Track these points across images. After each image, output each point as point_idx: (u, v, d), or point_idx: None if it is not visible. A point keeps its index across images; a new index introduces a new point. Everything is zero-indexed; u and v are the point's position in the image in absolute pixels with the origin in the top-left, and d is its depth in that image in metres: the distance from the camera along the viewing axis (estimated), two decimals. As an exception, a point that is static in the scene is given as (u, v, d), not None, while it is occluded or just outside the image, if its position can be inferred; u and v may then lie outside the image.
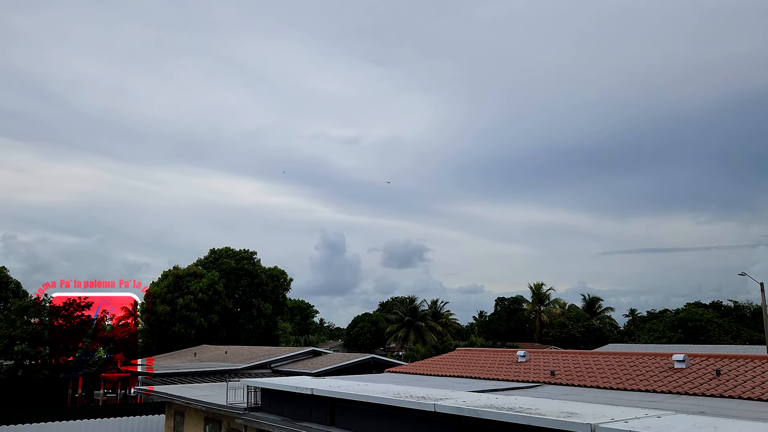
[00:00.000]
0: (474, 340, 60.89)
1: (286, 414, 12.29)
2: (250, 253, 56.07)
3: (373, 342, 68.16)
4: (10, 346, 34.15)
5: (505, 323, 76.15)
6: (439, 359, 23.13)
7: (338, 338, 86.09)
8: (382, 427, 9.70)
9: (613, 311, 74.94)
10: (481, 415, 7.89)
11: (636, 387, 13.89)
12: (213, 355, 37.46)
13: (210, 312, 48.51)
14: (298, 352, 34.15)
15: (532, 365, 18.12)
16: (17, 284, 51.76)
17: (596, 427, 6.43)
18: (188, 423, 17.29)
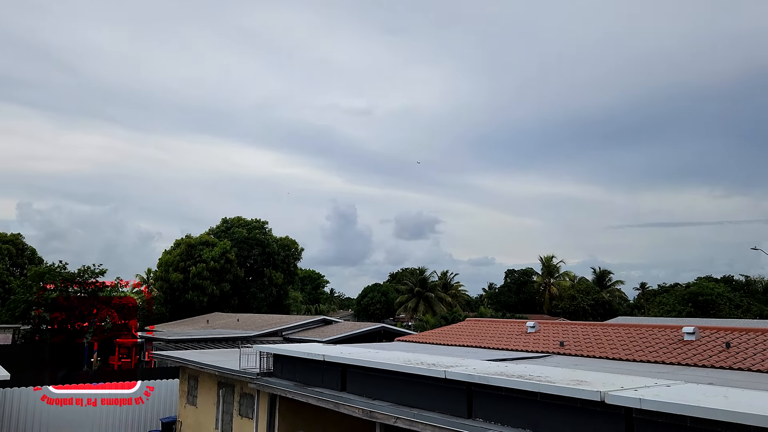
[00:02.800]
0: (483, 311, 61.25)
1: (297, 379, 12.50)
2: (261, 222, 56.41)
3: (383, 312, 68.76)
4: (27, 311, 34.82)
5: (514, 295, 76.47)
6: (448, 329, 23.32)
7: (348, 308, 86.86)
8: (392, 393, 9.86)
9: (623, 284, 75.01)
10: (491, 382, 7.98)
11: (645, 358, 13.96)
12: (225, 322, 38.00)
13: (222, 280, 49.06)
14: (309, 320, 34.55)
15: (542, 336, 18.23)
16: (33, 251, 52.56)
17: (606, 394, 6.49)
18: (202, 387, 17.63)
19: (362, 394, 10.54)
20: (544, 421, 7.30)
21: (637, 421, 6.29)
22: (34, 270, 39.04)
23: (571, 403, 6.96)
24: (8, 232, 51.64)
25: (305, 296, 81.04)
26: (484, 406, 8.20)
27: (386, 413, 9.59)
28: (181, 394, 19.18)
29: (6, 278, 46.55)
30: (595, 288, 70.41)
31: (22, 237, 52.30)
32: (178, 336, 28.03)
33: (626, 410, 6.40)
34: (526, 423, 7.49)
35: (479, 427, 7.86)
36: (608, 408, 6.52)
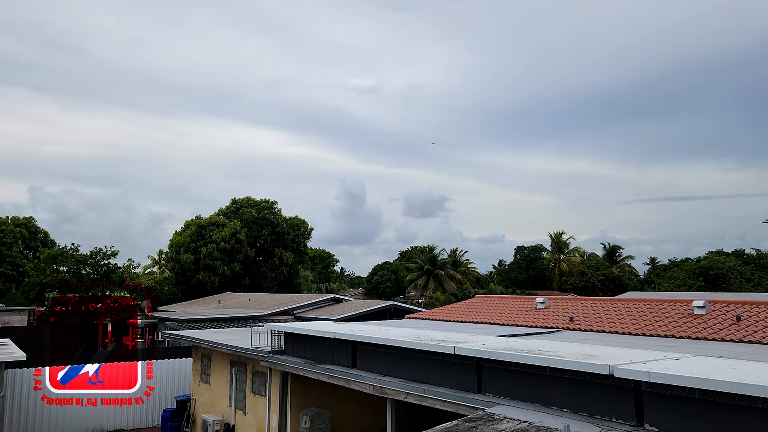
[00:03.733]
0: (493, 288, 61.39)
1: (309, 357, 12.63)
2: (271, 202, 56.54)
3: (393, 290, 69.05)
4: (42, 293, 35.25)
5: (524, 272, 76.54)
6: (458, 306, 23.42)
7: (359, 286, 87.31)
8: (403, 370, 9.95)
9: (633, 260, 74.79)
10: (500, 357, 8.03)
11: (655, 332, 13.98)
12: (236, 302, 38.32)
13: (233, 260, 49.38)
14: (319, 299, 34.76)
15: (551, 311, 18.28)
16: (45, 234, 53.08)
17: (614, 368, 6.52)
18: (215, 366, 17.86)
19: (373, 371, 10.64)
20: (553, 396, 7.35)
21: (645, 394, 6.33)
22: (47, 253, 39.46)
23: (580, 377, 7.00)
24: (21, 216, 52.19)
25: (316, 275, 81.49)
26: (494, 381, 8.26)
27: (397, 389, 9.69)
28: (194, 373, 19.45)
29: (20, 261, 47.12)
30: (605, 263, 70.27)
31: (34, 220, 52.83)
32: (191, 316, 28.33)
33: (635, 383, 6.44)
34: (536, 397, 7.55)
35: (489, 402, 7.94)
36: (617, 381, 6.56)
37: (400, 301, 42.67)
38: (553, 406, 7.30)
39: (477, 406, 7.99)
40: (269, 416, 14.45)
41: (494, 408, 7.62)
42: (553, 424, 6.55)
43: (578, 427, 6.35)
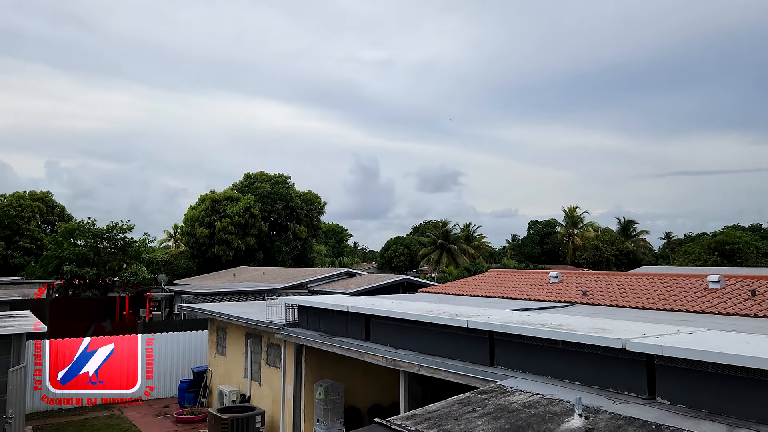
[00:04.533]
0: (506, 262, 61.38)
1: (323, 330, 12.77)
2: (284, 177, 56.60)
3: (406, 264, 69.30)
4: (60, 266, 35.77)
5: (537, 246, 76.39)
6: (471, 280, 23.48)
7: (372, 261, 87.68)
8: (416, 343, 10.03)
9: (648, 234, 74.35)
10: (512, 331, 8.07)
11: (669, 307, 13.95)
12: (251, 276, 38.68)
13: (247, 235, 49.70)
14: (333, 273, 34.97)
15: (564, 286, 18.28)
16: (62, 208, 53.65)
17: (627, 342, 6.53)
18: (230, 338, 18.13)
19: (386, 344, 10.75)
20: (565, 369, 7.39)
21: (658, 367, 6.34)
22: (64, 227, 39.93)
23: (592, 350, 7.02)
24: (38, 191, 52.71)
25: (329, 249, 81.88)
26: (506, 355, 8.32)
27: (410, 362, 9.79)
28: (210, 345, 19.76)
29: (38, 235, 47.75)
30: (620, 238, 69.90)
31: (51, 195, 53.33)
32: (206, 289, 28.66)
33: (648, 357, 6.45)
34: (548, 370, 7.60)
35: (501, 374, 8.00)
36: (629, 355, 6.57)
37: (413, 276, 42.84)
38: (565, 379, 7.34)
39: (489, 379, 8.06)
40: (284, 387, 14.68)
41: (506, 381, 7.68)
42: (565, 397, 6.59)
43: (590, 400, 6.39)
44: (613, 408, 6.13)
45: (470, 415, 6.20)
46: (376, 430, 6.08)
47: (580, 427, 5.59)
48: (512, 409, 6.34)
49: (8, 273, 43.82)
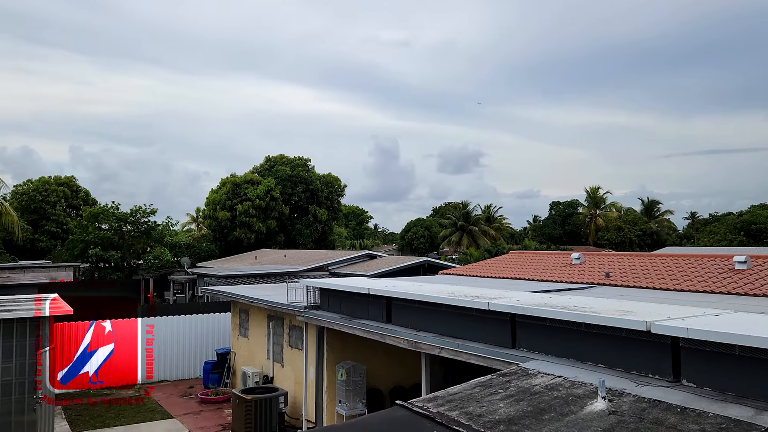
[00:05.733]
0: (527, 243, 60.98)
1: (344, 312, 12.83)
2: (304, 160, 56.72)
3: (427, 246, 69.27)
4: (85, 250, 36.36)
5: (559, 227, 75.70)
6: (492, 262, 23.38)
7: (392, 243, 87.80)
8: (437, 325, 10.03)
9: (672, 214, 73.28)
10: (534, 313, 8.02)
11: (694, 288, 13.75)
12: (272, 258, 38.96)
13: (268, 218, 50.01)
14: (353, 255, 35.06)
15: (587, 267, 18.11)
16: (87, 193, 54.42)
17: (652, 324, 6.44)
18: (252, 320, 18.33)
19: (407, 326, 10.76)
20: (588, 351, 7.33)
21: (683, 350, 6.25)
22: (88, 211, 40.50)
23: (615, 333, 6.95)
24: (63, 175, 53.49)
25: (350, 232, 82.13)
26: (528, 337, 8.27)
27: (431, 343, 9.79)
28: (233, 327, 19.99)
29: (63, 219, 48.57)
30: (643, 218, 68.98)
31: (75, 179, 54.08)
32: (228, 272, 28.95)
33: (672, 340, 6.36)
34: (571, 353, 7.54)
35: (523, 357, 7.96)
36: (654, 337, 6.49)
37: (433, 258, 42.81)
38: (588, 362, 7.28)
39: (511, 361, 8.03)
40: (306, 369, 14.82)
41: (528, 363, 7.64)
42: (587, 379, 6.54)
43: (613, 383, 6.33)
44: (637, 391, 6.07)
45: (492, 398, 6.19)
46: (397, 411, 6.09)
47: (604, 409, 5.55)
48: (534, 392, 6.31)
49: (36, 257, 44.74)
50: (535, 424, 5.29)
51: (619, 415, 5.37)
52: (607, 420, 5.28)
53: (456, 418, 5.56)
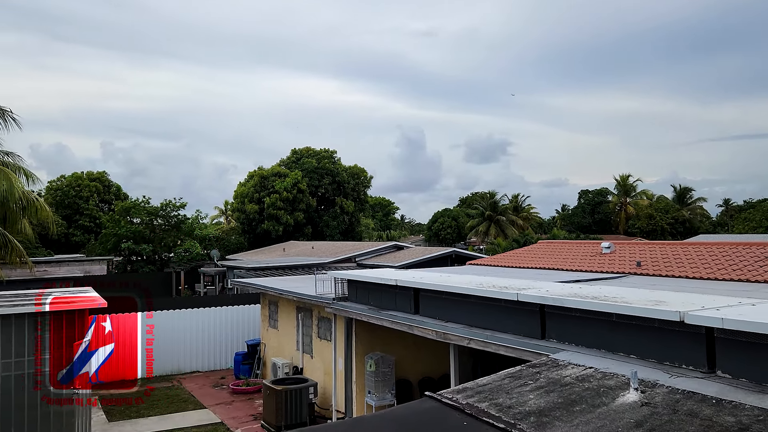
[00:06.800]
0: (556, 233, 60.32)
1: (372, 303, 12.86)
2: (330, 152, 56.87)
3: (454, 237, 69.00)
4: (118, 244, 37.08)
5: (588, 216, 74.64)
6: (520, 252, 23.19)
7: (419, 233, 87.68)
8: (465, 316, 9.99)
9: (705, 201, 71.73)
10: (564, 304, 7.93)
11: (728, 277, 13.45)
12: (300, 250, 39.23)
13: (295, 210, 50.33)
14: (381, 246, 35.11)
15: (617, 256, 17.85)
16: (118, 187, 55.44)
17: (686, 314, 6.32)
18: (281, 312, 18.50)
19: (435, 317, 10.75)
20: (619, 342, 7.23)
21: (718, 340, 6.12)
22: (120, 205, 41.27)
23: (648, 323, 6.83)
24: (95, 171, 54.54)
25: (376, 223, 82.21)
26: (558, 328, 8.19)
27: (460, 335, 9.76)
28: (263, 318, 20.21)
29: (96, 214, 49.57)
30: (675, 206, 67.68)
31: (107, 174, 55.10)
32: (257, 264, 29.24)
33: (707, 330, 6.23)
34: (602, 344, 7.45)
35: (553, 348, 7.89)
36: (688, 328, 6.36)
37: (461, 248, 42.63)
38: (619, 353, 7.18)
39: (541, 352, 7.96)
40: (335, 360, 14.92)
41: (558, 354, 7.57)
42: (619, 371, 6.45)
43: (646, 374, 6.23)
44: (670, 382, 5.97)
45: (522, 389, 6.15)
46: (427, 402, 6.09)
47: (637, 401, 5.46)
48: (565, 383, 6.25)
49: (70, 250, 45.77)
50: (566, 415, 5.24)
51: (652, 407, 5.29)
52: (639, 411, 5.20)
53: (486, 409, 5.53)
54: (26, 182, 18.99)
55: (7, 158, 18.99)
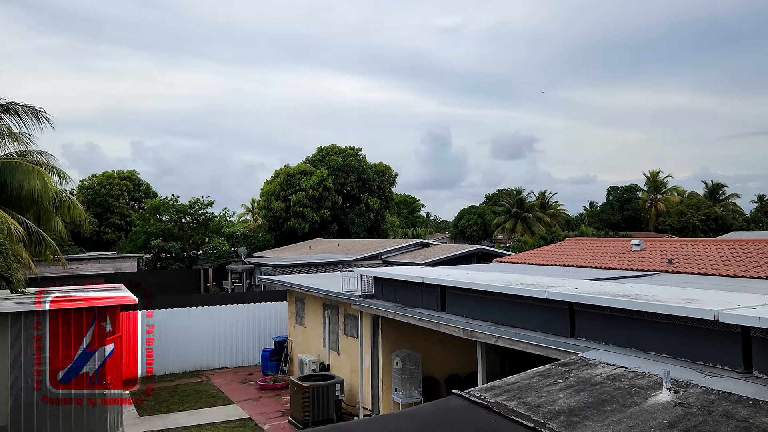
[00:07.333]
0: (584, 230, 59.53)
1: (398, 301, 12.84)
2: (356, 149, 56.94)
3: (480, 234, 68.55)
4: (148, 241, 37.67)
5: (617, 213, 73.51)
6: (547, 249, 22.95)
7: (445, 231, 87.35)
8: (492, 314, 9.92)
9: (738, 198, 70.06)
10: (594, 302, 7.82)
11: (764, 275, 13.12)
12: (326, 247, 39.39)
13: (321, 207, 50.54)
14: (406, 243, 35.05)
15: (648, 254, 17.54)
16: (148, 186, 56.31)
17: (720, 313, 6.17)
18: (308, 309, 18.59)
19: (462, 315, 10.69)
20: (651, 341, 7.10)
21: (755, 340, 5.97)
22: (150, 203, 41.91)
23: (681, 322, 6.69)
24: (125, 169, 55.49)
25: (402, 220, 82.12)
26: (588, 326, 8.07)
27: (487, 332, 9.69)
28: (289, 315, 20.34)
29: (126, 212, 50.44)
30: (707, 202, 66.30)
31: (137, 173, 56.01)
32: (284, 261, 29.44)
33: (743, 329, 6.08)
34: (633, 343, 7.32)
35: (582, 346, 7.78)
36: (722, 327, 6.21)
37: (487, 245, 42.36)
38: (651, 352, 7.05)
39: (570, 351, 7.86)
40: (362, 357, 14.94)
41: (588, 353, 7.46)
42: (651, 370, 6.33)
43: (679, 374, 6.10)
44: (704, 382, 5.84)
45: (551, 388, 6.07)
46: (454, 401, 6.05)
47: (669, 401, 5.35)
48: (595, 382, 6.16)
49: (101, 248, 46.65)
50: (597, 415, 5.16)
51: (685, 407, 5.18)
52: (673, 412, 5.10)
53: (514, 408, 5.47)
54: (59, 181, 19.40)
55: (41, 158, 19.42)
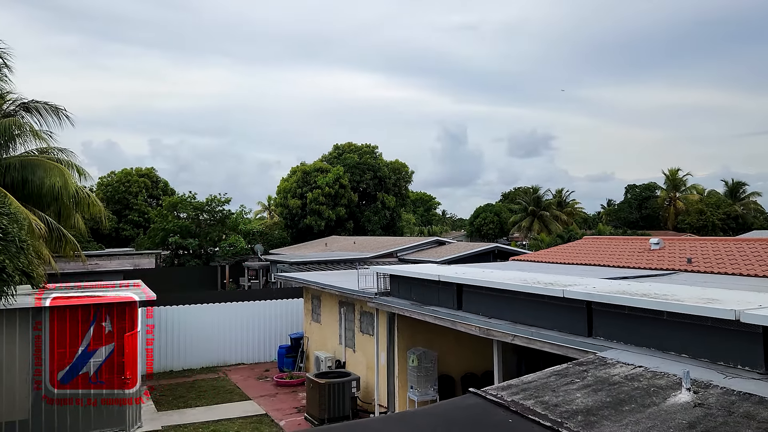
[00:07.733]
0: (602, 228, 59.05)
1: (414, 298, 12.84)
2: (371, 147, 56.96)
3: (496, 232, 68.27)
4: (165, 238, 38.02)
5: (635, 211, 72.79)
6: (565, 247, 22.81)
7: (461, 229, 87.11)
8: (508, 312, 9.88)
9: (760, 196, 69.03)
10: (612, 301, 7.76)
11: (785, 275, 12.93)
12: (342, 245, 39.47)
13: (337, 205, 50.65)
14: (422, 241, 35.03)
15: (667, 252, 17.37)
16: (166, 183, 56.85)
17: (741, 313, 6.09)
18: (324, 306, 18.66)
19: (478, 313, 10.66)
20: (670, 341, 7.03)
21: (776, 340, 5.89)
22: (167, 201, 42.29)
23: (701, 321, 6.62)
24: (143, 167, 56.06)
25: (418, 218, 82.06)
26: (606, 325, 8.02)
27: (504, 331, 9.66)
28: (306, 312, 20.43)
29: (145, 209, 50.96)
30: (727, 201, 65.42)
31: (155, 170, 56.56)
32: (300, 258, 29.56)
33: (764, 330, 6.00)
34: (651, 342, 7.25)
35: (600, 346, 7.73)
36: (743, 327, 6.14)
37: (503, 243, 42.19)
38: (670, 352, 6.98)
39: (588, 350, 7.81)
40: (377, 354, 14.97)
41: (606, 352, 7.41)
42: (670, 370, 6.27)
43: (699, 374, 6.04)
44: (724, 383, 5.77)
45: (568, 387, 6.04)
46: (470, 399, 6.04)
47: (689, 401, 5.30)
48: (613, 382, 6.11)
49: (120, 244, 47.20)
50: (615, 415, 5.13)
51: (705, 408, 5.12)
52: (692, 413, 5.05)
53: (531, 407, 5.46)
54: (79, 178, 19.65)
55: (62, 155, 19.68)
